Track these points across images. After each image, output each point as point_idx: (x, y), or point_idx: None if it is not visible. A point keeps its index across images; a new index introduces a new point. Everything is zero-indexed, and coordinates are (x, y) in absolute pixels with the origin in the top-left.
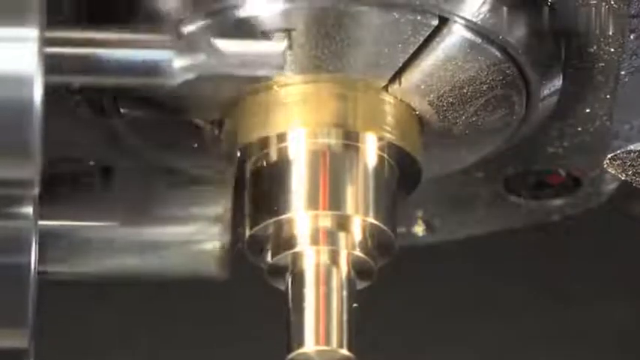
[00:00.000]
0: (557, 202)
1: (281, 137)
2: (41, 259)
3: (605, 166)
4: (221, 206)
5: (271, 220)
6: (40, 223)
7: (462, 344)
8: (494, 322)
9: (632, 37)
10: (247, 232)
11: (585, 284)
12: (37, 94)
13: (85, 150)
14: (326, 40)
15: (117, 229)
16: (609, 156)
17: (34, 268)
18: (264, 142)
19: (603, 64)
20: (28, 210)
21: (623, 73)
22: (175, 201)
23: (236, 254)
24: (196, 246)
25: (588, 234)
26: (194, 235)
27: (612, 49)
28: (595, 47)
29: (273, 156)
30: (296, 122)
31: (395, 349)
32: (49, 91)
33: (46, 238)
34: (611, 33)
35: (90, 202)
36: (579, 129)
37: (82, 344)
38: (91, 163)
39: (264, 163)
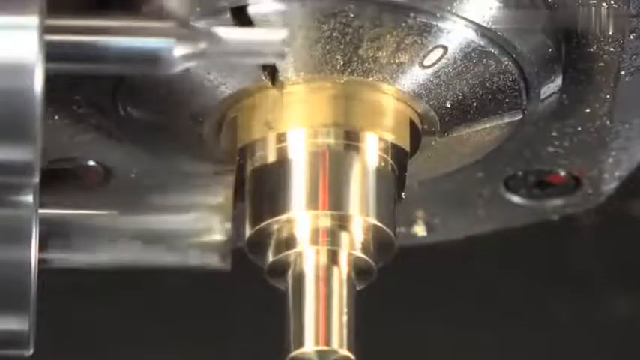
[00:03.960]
0: (557, 202)
1: (281, 137)
2: (42, 248)
3: None
4: (222, 195)
5: (271, 220)
6: (40, 211)
7: (463, 342)
8: (495, 320)
9: (632, 37)
10: (247, 232)
11: (585, 283)
12: (38, 82)
13: (84, 149)
14: (326, 40)
15: (117, 218)
16: None
17: (35, 257)
18: (264, 142)
19: (603, 64)
20: (29, 198)
21: (623, 73)
22: (175, 190)
23: (236, 252)
24: (198, 236)
25: (588, 234)
26: (195, 225)
27: (612, 49)
28: (595, 47)
29: (273, 156)
30: (296, 122)
31: (395, 349)
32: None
33: (47, 227)
34: (611, 33)
35: (90, 191)
36: (579, 129)
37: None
38: (91, 163)
39: (264, 163)
